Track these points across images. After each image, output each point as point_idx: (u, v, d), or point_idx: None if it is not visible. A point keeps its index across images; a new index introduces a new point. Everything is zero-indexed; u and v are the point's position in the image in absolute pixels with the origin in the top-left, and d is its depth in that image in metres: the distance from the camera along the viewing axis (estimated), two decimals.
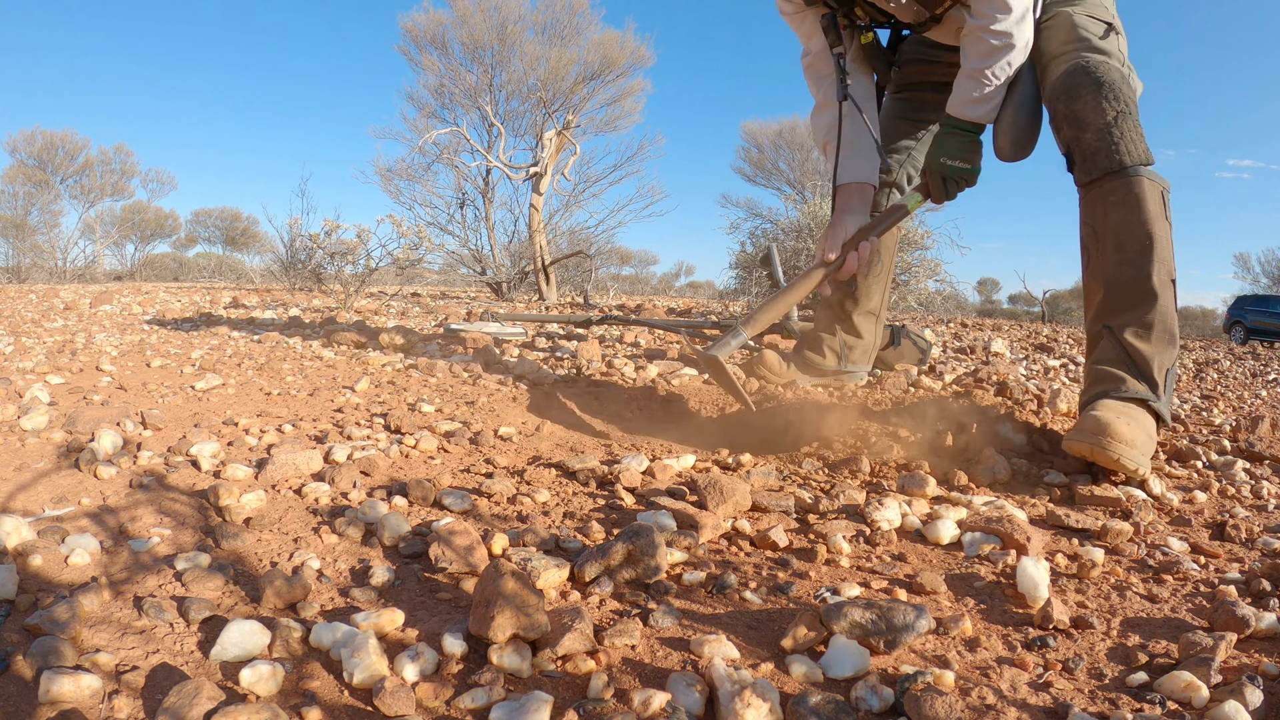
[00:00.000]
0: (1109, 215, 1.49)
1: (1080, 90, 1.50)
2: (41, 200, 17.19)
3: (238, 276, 16.69)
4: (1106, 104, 1.47)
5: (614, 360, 2.63)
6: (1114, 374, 1.47)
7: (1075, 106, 1.51)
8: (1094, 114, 1.48)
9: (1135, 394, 1.43)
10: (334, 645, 0.77)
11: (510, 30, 10.72)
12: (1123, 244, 1.47)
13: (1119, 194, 1.47)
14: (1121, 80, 1.50)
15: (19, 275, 12.93)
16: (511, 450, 1.57)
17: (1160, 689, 0.74)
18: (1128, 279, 1.47)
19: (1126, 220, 1.46)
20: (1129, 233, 1.46)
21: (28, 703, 0.67)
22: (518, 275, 9.28)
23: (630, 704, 0.68)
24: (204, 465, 1.35)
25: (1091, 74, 1.50)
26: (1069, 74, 1.53)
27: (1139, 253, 1.45)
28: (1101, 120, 1.48)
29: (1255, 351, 6.26)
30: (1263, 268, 23.09)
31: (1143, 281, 1.45)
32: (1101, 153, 1.49)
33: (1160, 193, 1.48)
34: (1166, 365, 1.46)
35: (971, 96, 1.66)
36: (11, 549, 0.95)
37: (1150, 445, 1.39)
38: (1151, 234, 1.44)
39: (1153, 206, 1.45)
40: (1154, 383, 1.45)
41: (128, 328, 3.51)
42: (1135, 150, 1.47)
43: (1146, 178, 1.47)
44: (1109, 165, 1.48)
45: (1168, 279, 1.46)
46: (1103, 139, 1.48)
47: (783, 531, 1.11)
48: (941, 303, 6.75)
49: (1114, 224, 1.48)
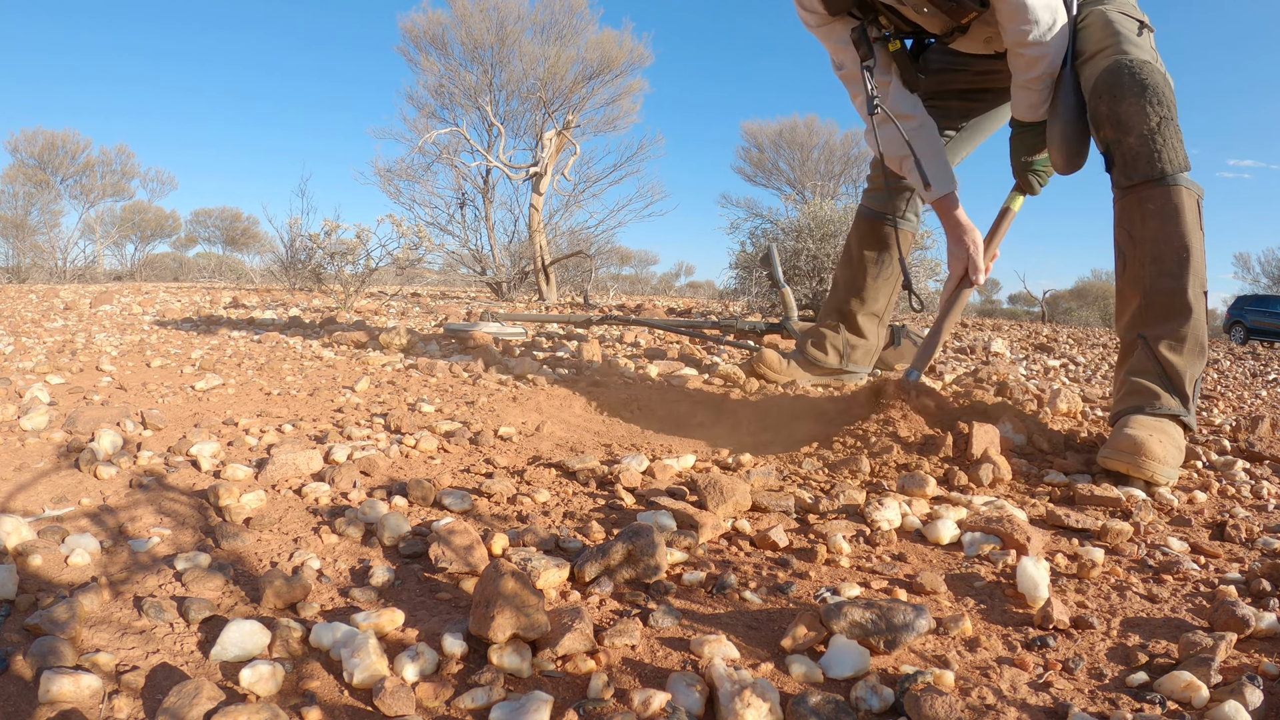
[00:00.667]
0: (1147, 223, 1.49)
1: (1124, 91, 1.48)
2: (42, 200, 17.19)
3: (238, 276, 16.69)
4: (1151, 109, 1.46)
5: (614, 360, 2.63)
6: (1149, 388, 1.48)
7: (1119, 109, 1.49)
8: (1138, 118, 1.46)
9: (1168, 410, 1.46)
10: (334, 645, 0.77)
11: (509, 30, 10.72)
12: (1161, 254, 1.47)
13: (1158, 202, 1.47)
14: (1164, 83, 1.48)
15: (19, 275, 12.93)
16: (511, 450, 1.57)
17: (1160, 689, 0.74)
18: (1165, 291, 1.47)
19: (1165, 230, 1.46)
20: (1167, 243, 1.46)
21: (28, 703, 0.67)
22: (518, 275, 9.28)
23: (630, 704, 0.68)
24: (204, 465, 1.35)
25: (1135, 75, 1.48)
26: (1111, 72, 1.50)
27: (1176, 264, 1.46)
28: (1145, 125, 1.46)
29: (1255, 351, 6.26)
30: (1263, 268, 23.10)
31: (1179, 295, 1.46)
32: (1143, 159, 1.47)
33: (1196, 201, 1.48)
34: (1196, 376, 1.49)
35: (1029, 103, 1.71)
36: (11, 549, 0.95)
37: (1180, 456, 1.43)
38: (1189, 246, 1.45)
39: (1190, 217, 1.46)
40: (1185, 396, 1.48)
41: (128, 328, 3.51)
42: (1176, 158, 1.46)
43: (1185, 186, 1.46)
44: (1150, 173, 1.47)
45: (1201, 291, 1.47)
46: (1145, 144, 1.47)
47: (783, 531, 1.11)
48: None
49: (1152, 233, 1.48)
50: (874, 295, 2.20)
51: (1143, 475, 1.36)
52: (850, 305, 2.21)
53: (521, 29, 10.80)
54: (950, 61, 1.98)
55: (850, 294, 2.21)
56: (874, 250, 2.16)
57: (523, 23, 10.83)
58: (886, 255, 2.13)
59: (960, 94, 2.01)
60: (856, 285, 2.19)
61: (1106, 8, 1.63)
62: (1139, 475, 1.37)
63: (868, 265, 2.17)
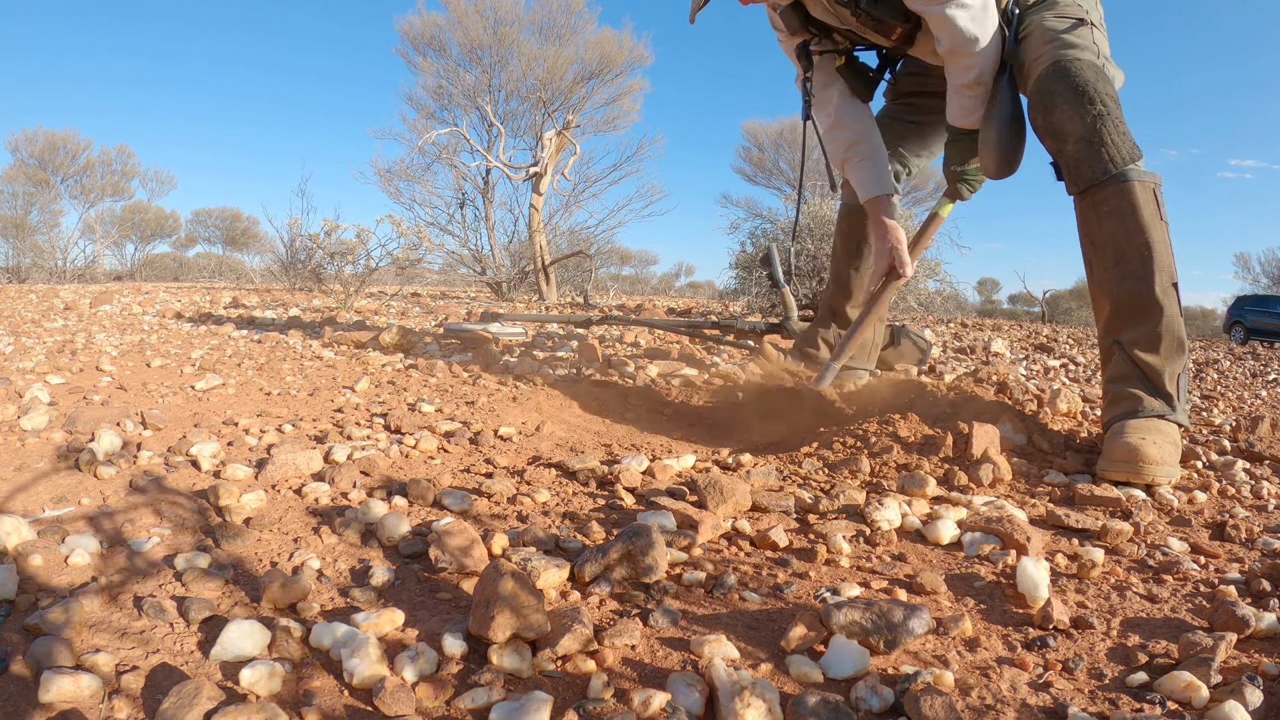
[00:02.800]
0: (1104, 226, 1.47)
1: (1055, 99, 1.47)
2: (41, 200, 17.18)
3: (238, 276, 16.69)
4: (1083, 109, 1.44)
5: (614, 360, 2.63)
6: (1132, 394, 1.48)
7: (1052, 118, 1.48)
8: (1071, 123, 1.45)
9: (1153, 412, 1.46)
10: (334, 645, 0.77)
11: (506, 30, 10.71)
12: (1123, 256, 1.45)
13: (1111, 203, 1.45)
14: (1096, 76, 1.45)
15: (19, 275, 12.93)
16: (511, 450, 1.57)
17: (1160, 689, 0.74)
18: (1132, 293, 1.46)
19: (1123, 230, 1.44)
20: (1127, 243, 1.44)
21: (27, 703, 0.67)
22: (518, 275, 9.28)
23: (630, 704, 0.68)
24: (204, 465, 1.35)
25: (1064, 77, 1.46)
26: (1041, 80, 1.50)
27: (1140, 264, 1.44)
28: (1080, 128, 1.44)
29: (1255, 351, 6.26)
30: (1263, 268, 23.07)
31: (1147, 295, 1.45)
32: (1086, 163, 1.46)
33: (1152, 191, 1.44)
34: (1177, 372, 1.48)
35: (963, 108, 1.74)
36: (11, 549, 0.95)
37: (1176, 452, 1.43)
38: (1150, 243, 1.43)
39: (1147, 212, 1.43)
40: (1167, 395, 1.47)
41: (128, 328, 3.51)
42: (1120, 152, 1.43)
43: (1136, 180, 1.43)
44: (1095, 175, 1.45)
45: (1169, 285, 1.45)
46: (1085, 148, 1.45)
47: (783, 531, 1.11)
48: (941, 303, 6.75)
49: (1110, 235, 1.46)
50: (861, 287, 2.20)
51: (1144, 480, 1.37)
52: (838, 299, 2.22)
53: (519, 29, 10.79)
54: (918, 67, 2.05)
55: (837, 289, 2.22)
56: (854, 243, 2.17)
57: (519, 23, 10.82)
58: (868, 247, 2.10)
59: (930, 95, 2.08)
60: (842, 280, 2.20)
61: (1044, 14, 1.62)
62: (1140, 481, 1.37)
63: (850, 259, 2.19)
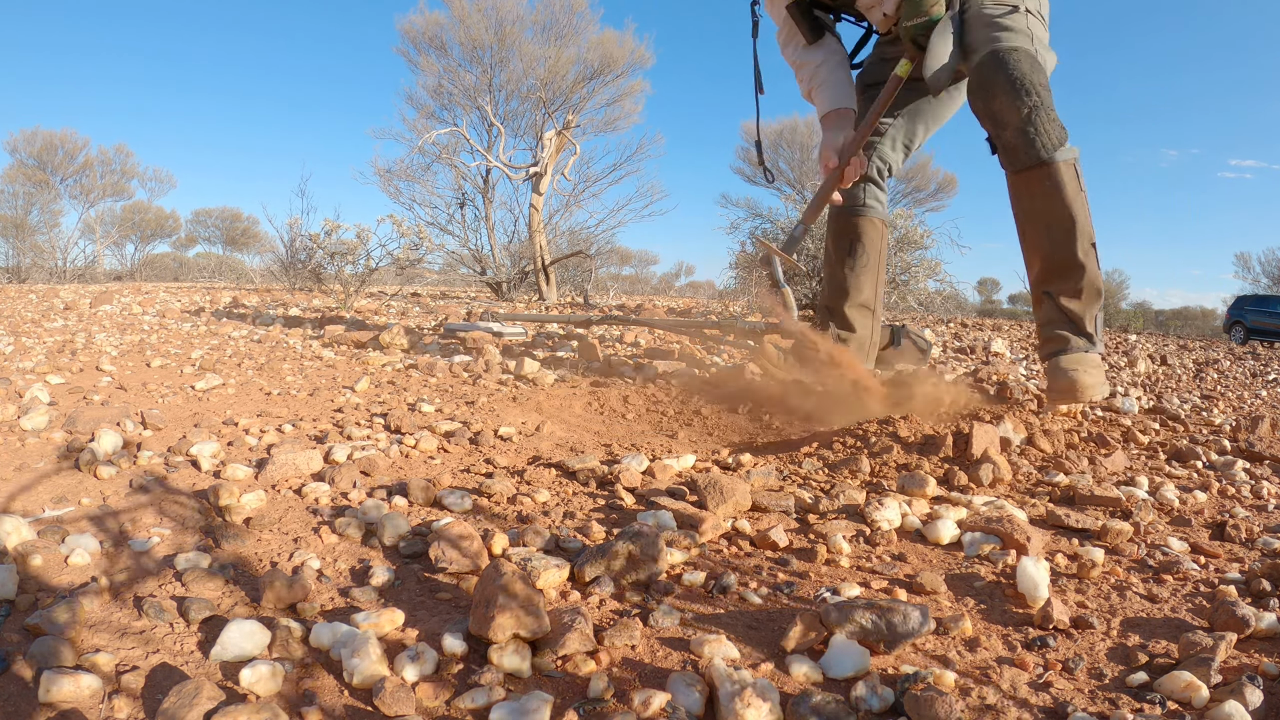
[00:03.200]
0: (1035, 202, 1.75)
1: (994, 90, 1.68)
2: (41, 200, 17.17)
3: (238, 276, 16.69)
4: (1020, 101, 1.65)
5: (614, 360, 2.63)
6: (1060, 335, 1.82)
7: (992, 106, 1.70)
8: (1010, 113, 1.67)
9: (1078, 348, 1.81)
10: (334, 645, 0.77)
11: (508, 30, 10.70)
12: (1050, 225, 1.75)
13: (1041, 183, 1.71)
14: (1031, 67, 1.65)
15: (19, 275, 12.93)
16: (511, 450, 1.57)
17: (1160, 689, 0.74)
18: (1060, 256, 1.77)
19: (1050, 205, 1.72)
20: (1054, 215, 1.73)
21: (28, 703, 0.67)
22: (518, 275, 9.27)
23: (630, 704, 0.68)
24: (204, 465, 1.35)
25: (1002, 68, 1.66)
26: (981, 69, 1.71)
27: (1065, 233, 1.74)
28: (1016, 119, 1.67)
29: (1255, 351, 6.26)
30: (1263, 268, 23.06)
31: (1071, 257, 1.75)
32: (1021, 149, 1.70)
33: (1074, 167, 1.71)
34: (1095, 313, 1.81)
35: None
36: (11, 549, 0.95)
37: (1101, 374, 1.79)
38: (1073, 215, 1.72)
39: (1070, 189, 1.70)
40: (1089, 334, 1.81)
41: (127, 328, 3.51)
42: (1050, 139, 1.67)
43: (1061, 161, 1.69)
44: (1029, 160, 1.70)
45: (1089, 247, 1.75)
46: (1020, 136, 1.68)
47: (783, 531, 1.11)
48: (941, 303, 6.76)
49: (1040, 209, 1.75)
50: (856, 286, 2.24)
51: (1084, 400, 1.72)
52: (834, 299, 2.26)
53: (521, 29, 10.78)
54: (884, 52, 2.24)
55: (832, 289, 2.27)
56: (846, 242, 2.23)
57: (522, 23, 10.81)
58: (860, 245, 2.20)
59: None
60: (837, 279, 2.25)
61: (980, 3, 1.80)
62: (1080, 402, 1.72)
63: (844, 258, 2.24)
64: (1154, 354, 4.76)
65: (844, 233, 2.23)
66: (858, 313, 2.27)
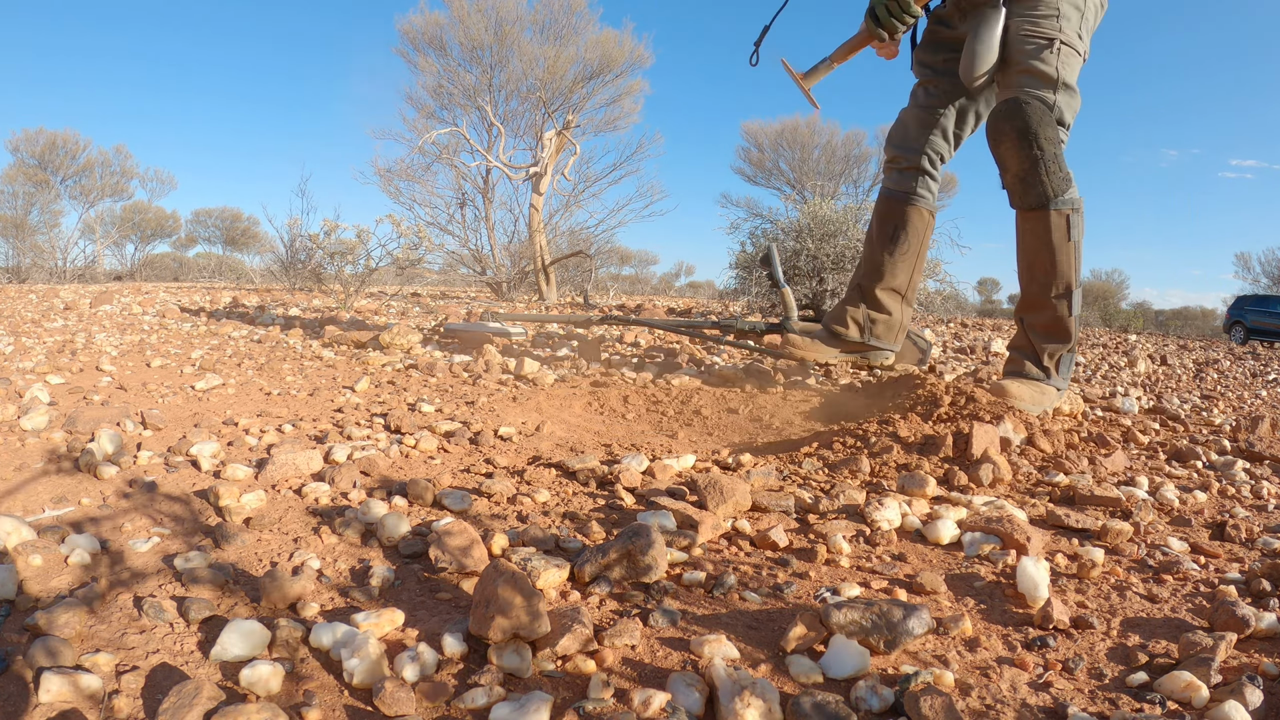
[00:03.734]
0: (1025, 239, 1.90)
1: (1003, 136, 1.80)
2: (41, 200, 17.17)
3: (238, 276, 16.68)
4: (1024, 151, 1.78)
5: (614, 360, 2.63)
6: (1019, 360, 1.99)
7: (1000, 150, 1.83)
8: (1012, 159, 1.80)
9: (1032, 375, 1.96)
10: (334, 645, 0.77)
11: (507, 30, 10.70)
12: (1033, 265, 1.90)
13: (1032, 225, 1.86)
14: (1040, 121, 1.75)
15: (19, 275, 12.93)
16: (511, 450, 1.57)
17: (1160, 689, 0.74)
18: (1034, 292, 1.91)
19: (1036, 246, 1.87)
20: (1037, 257, 1.88)
21: (27, 703, 0.67)
22: (518, 275, 9.27)
23: (630, 704, 0.68)
24: (204, 465, 1.35)
25: (1013, 118, 1.77)
26: (996, 113, 1.81)
27: (1044, 274, 1.88)
28: (1018, 166, 1.80)
29: (1255, 351, 6.26)
30: (1263, 268, 23.03)
31: (1044, 296, 1.90)
32: (1018, 194, 1.84)
33: (1066, 218, 1.83)
34: (1059, 354, 1.94)
35: None
36: (11, 549, 0.95)
37: (1040, 398, 1.91)
38: (1053, 260, 1.86)
39: (1056, 236, 1.84)
40: (1045, 369, 1.95)
41: (127, 328, 3.51)
42: (1047, 190, 1.80)
43: (1055, 209, 1.82)
44: (1024, 204, 1.85)
45: (1062, 292, 1.88)
46: (1020, 183, 1.82)
47: (783, 531, 1.11)
48: (941, 303, 6.75)
49: (1028, 247, 1.89)
50: (892, 270, 2.21)
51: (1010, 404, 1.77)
52: (868, 280, 2.23)
53: (520, 29, 10.78)
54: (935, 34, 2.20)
55: (869, 269, 2.24)
56: (890, 226, 2.19)
57: (521, 23, 10.80)
58: (903, 232, 2.16)
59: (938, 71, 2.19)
60: (875, 260, 2.22)
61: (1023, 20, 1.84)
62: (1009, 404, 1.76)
63: (885, 241, 2.20)
64: (1154, 354, 4.76)
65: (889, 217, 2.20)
66: (888, 296, 2.23)
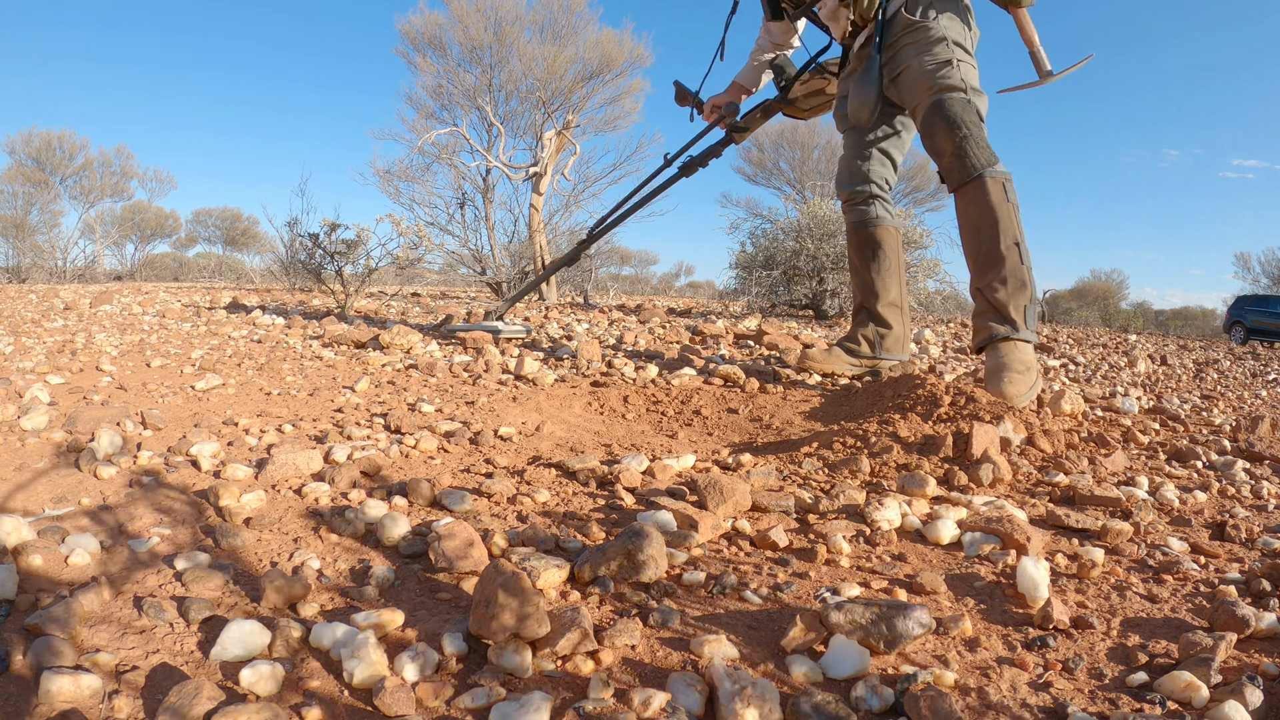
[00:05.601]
0: (968, 210, 2.04)
1: (935, 129, 2.06)
2: (41, 200, 17.17)
3: (238, 276, 16.68)
4: (954, 133, 2.02)
5: (614, 360, 2.63)
6: (986, 325, 2.04)
7: (935, 142, 2.08)
8: (946, 143, 2.04)
9: (1000, 335, 2.00)
10: (334, 645, 0.77)
11: (507, 30, 10.69)
12: (979, 227, 2.03)
13: (971, 194, 2.03)
14: (963, 109, 2.03)
15: (19, 275, 12.92)
16: (511, 450, 1.57)
17: (1160, 689, 0.74)
18: (985, 251, 2.03)
19: (979, 210, 2.02)
20: (982, 219, 2.02)
21: (27, 703, 0.67)
22: (518, 275, 9.27)
23: (630, 704, 0.68)
24: (204, 465, 1.35)
25: (940, 111, 2.04)
26: (925, 117, 2.09)
27: (990, 230, 2.00)
28: (951, 146, 2.03)
29: (1255, 351, 6.26)
30: (1263, 268, 23.02)
31: (994, 250, 2.00)
32: (956, 170, 2.04)
33: (1001, 184, 2.01)
34: (1023, 304, 2.00)
35: None
36: (11, 549, 0.95)
37: (1031, 376, 1.95)
38: (997, 216, 1.99)
39: (995, 195, 1.99)
40: (1013, 321, 2.01)
41: (127, 328, 3.51)
42: (979, 160, 2.01)
43: (989, 177, 2.00)
44: (962, 178, 2.03)
45: (1012, 243, 1.99)
46: (954, 160, 2.04)
47: (783, 531, 1.11)
48: (941, 303, 6.76)
49: (972, 215, 2.04)
50: (884, 288, 2.50)
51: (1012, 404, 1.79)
52: (868, 302, 2.53)
53: (520, 29, 10.77)
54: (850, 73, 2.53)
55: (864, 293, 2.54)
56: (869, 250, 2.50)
57: (521, 23, 10.79)
58: (881, 252, 2.48)
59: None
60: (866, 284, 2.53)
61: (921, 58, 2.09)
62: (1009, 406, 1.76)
63: (868, 264, 2.49)
64: (1154, 354, 4.76)
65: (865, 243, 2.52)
66: (889, 310, 2.51)
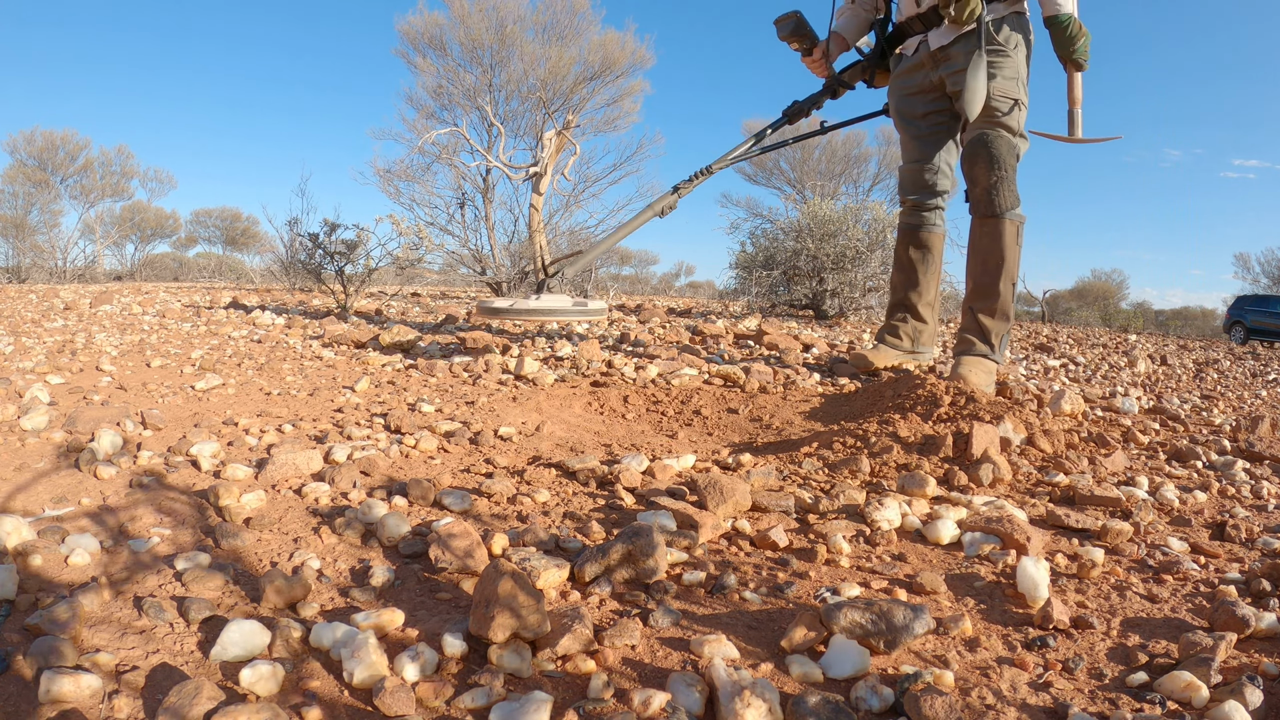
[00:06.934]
0: (982, 241, 2.35)
1: (976, 159, 2.28)
2: (41, 200, 17.17)
3: (238, 276, 16.67)
4: (991, 172, 2.26)
5: (614, 360, 2.63)
6: (969, 339, 2.38)
7: (972, 170, 2.31)
8: (982, 177, 2.28)
9: (979, 353, 2.35)
10: (334, 645, 0.77)
11: (509, 30, 10.69)
12: (986, 260, 2.34)
13: (990, 229, 2.31)
14: (1008, 152, 2.26)
15: (19, 275, 12.92)
16: (511, 450, 1.57)
17: (1160, 689, 0.74)
18: (986, 283, 2.35)
19: (991, 246, 2.32)
20: (991, 253, 2.32)
21: (28, 703, 0.67)
22: (518, 275, 9.27)
23: (630, 704, 0.68)
24: (204, 465, 1.35)
25: (987, 147, 2.26)
26: (972, 143, 2.30)
27: (995, 267, 2.33)
28: (986, 183, 2.28)
29: (1255, 351, 6.26)
30: (1263, 268, 23.00)
31: (993, 285, 2.34)
32: (983, 204, 2.31)
33: (1017, 227, 2.31)
34: (1002, 333, 2.37)
35: None
36: (11, 549, 0.95)
37: (991, 377, 2.28)
38: (1004, 257, 2.31)
39: (1008, 239, 2.30)
40: (991, 345, 2.36)
41: (128, 328, 3.51)
42: (1005, 202, 2.27)
43: (1009, 220, 2.29)
44: (986, 213, 2.31)
45: (1010, 284, 2.34)
46: (985, 196, 2.29)
47: (783, 531, 1.11)
48: (942, 303, 6.77)
49: (984, 247, 2.35)
50: (926, 288, 2.76)
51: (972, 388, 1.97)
52: (911, 299, 2.76)
53: (522, 29, 10.77)
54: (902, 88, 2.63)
55: (909, 290, 2.78)
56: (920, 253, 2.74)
57: (523, 23, 10.79)
58: (929, 255, 2.73)
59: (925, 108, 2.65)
60: (912, 283, 2.77)
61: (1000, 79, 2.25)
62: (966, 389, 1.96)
63: (916, 266, 2.73)
64: (1154, 354, 4.76)
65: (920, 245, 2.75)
66: (927, 310, 2.76)
